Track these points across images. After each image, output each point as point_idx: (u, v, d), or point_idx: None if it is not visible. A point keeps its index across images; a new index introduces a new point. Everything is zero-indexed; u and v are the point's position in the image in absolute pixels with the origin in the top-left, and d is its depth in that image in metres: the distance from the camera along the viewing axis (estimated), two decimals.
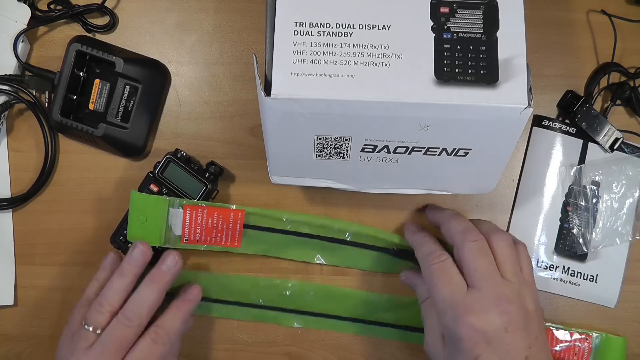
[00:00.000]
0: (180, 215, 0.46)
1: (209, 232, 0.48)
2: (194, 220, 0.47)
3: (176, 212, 0.46)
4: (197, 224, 0.47)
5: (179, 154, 0.49)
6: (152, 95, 0.51)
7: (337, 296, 0.52)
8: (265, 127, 0.39)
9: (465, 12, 0.37)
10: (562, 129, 0.52)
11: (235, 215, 0.48)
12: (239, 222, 0.48)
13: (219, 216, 0.47)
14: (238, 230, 0.48)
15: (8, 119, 0.52)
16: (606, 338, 0.52)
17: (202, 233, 0.47)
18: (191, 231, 0.47)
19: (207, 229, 0.47)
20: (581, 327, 0.52)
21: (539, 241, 0.53)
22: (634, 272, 0.53)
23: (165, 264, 0.46)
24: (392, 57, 0.36)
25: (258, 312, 0.52)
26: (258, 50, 0.51)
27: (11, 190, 0.52)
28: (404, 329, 0.52)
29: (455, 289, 0.41)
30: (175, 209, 0.46)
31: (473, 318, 0.40)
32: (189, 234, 0.47)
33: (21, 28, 0.50)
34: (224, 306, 0.52)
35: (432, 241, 0.47)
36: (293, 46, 0.36)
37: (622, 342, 0.52)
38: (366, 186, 0.44)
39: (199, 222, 0.47)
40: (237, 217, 0.48)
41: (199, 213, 0.47)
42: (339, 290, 0.53)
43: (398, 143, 0.39)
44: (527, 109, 0.36)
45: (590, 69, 0.53)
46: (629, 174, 0.52)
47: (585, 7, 0.53)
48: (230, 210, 0.48)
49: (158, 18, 0.53)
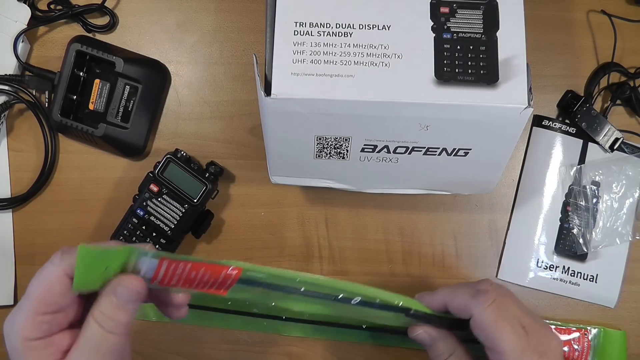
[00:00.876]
0: (154, 265, 0.34)
1: (188, 281, 0.35)
2: (170, 272, 0.35)
3: (148, 260, 0.34)
4: (175, 274, 0.35)
5: (179, 154, 0.49)
6: (152, 95, 0.51)
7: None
8: (265, 127, 0.39)
9: (465, 12, 0.37)
10: (562, 129, 0.52)
11: (227, 274, 0.35)
12: (231, 279, 0.36)
13: (207, 272, 0.35)
14: (229, 284, 0.37)
15: (8, 119, 0.52)
16: (605, 332, 0.52)
17: (180, 282, 0.35)
18: (165, 279, 0.35)
19: (187, 280, 0.35)
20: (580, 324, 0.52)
21: (539, 241, 0.52)
22: (634, 272, 0.53)
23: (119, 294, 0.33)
24: (392, 57, 0.36)
25: (257, 322, 0.52)
26: (258, 50, 0.51)
27: (11, 190, 0.52)
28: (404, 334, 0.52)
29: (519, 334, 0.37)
30: (148, 258, 0.34)
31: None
32: (161, 281, 0.35)
33: (21, 28, 0.50)
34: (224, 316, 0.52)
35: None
36: (293, 46, 0.36)
37: (621, 335, 0.52)
38: (366, 186, 0.44)
39: (177, 273, 0.35)
40: (229, 275, 0.35)
41: (179, 266, 0.34)
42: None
43: (398, 143, 0.39)
44: (527, 109, 0.36)
45: (590, 69, 0.53)
46: (629, 174, 0.52)
47: (585, 7, 0.53)
48: (222, 268, 0.35)
49: (158, 18, 0.53)
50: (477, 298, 0.38)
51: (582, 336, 0.51)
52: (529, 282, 0.52)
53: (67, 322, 0.34)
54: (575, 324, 0.52)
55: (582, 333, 0.51)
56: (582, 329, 0.51)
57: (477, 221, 0.53)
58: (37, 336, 0.32)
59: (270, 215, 0.53)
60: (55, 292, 0.33)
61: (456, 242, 0.53)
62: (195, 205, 0.48)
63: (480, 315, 0.37)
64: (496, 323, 0.36)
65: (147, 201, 0.48)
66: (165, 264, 0.34)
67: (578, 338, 0.51)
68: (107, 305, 0.33)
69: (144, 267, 0.34)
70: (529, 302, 0.53)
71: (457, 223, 0.53)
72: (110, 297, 0.33)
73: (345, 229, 0.53)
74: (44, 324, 0.33)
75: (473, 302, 0.37)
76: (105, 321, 0.33)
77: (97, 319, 0.32)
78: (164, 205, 0.49)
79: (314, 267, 0.53)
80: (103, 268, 0.34)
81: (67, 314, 0.34)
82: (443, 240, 0.53)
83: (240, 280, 0.36)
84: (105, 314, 0.33)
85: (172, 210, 0.49)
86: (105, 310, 0.33)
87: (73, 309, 0.34)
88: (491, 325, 0.36)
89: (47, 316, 0.33)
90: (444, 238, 0.53)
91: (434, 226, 0.53)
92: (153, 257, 0.34)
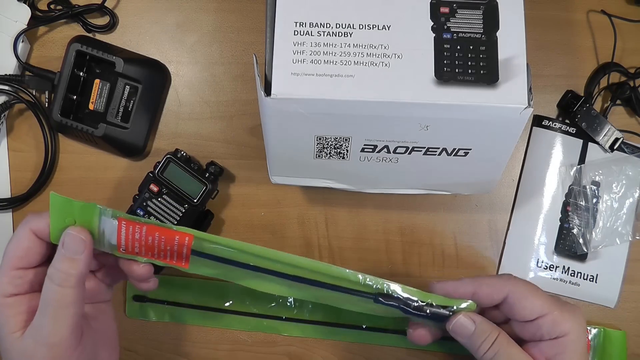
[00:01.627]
0: (114, 227, 0.37)
1: (149, 248, 0.39)
2: (130, 235, 0.38)
3: (109, 221, 0.37)
4: (135, 239, 0.38)
5: (179, 154, 0.49)
6: (152, 95, 0.51)
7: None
8: (265, 127, 0.39)
9: (465, 12, 0.37)
10: (562, 129, 0.52)
11: (180, 239, 0.38)
12: (185, 247, 0.39)
13: (161, 237, 0.38)
14: (185, 254, 0.39)
15: (8, 119, 0.52)
16: (605, 332, 0.52)
17: (142, 248, 0.38)
18: (128, 244, 0.38)
19: (147, 246, 0.38)
20: None
21: (539, 241, 0.52)
22: (634, 272, 0.53)
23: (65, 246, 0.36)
24: (392, 57, 0.36)
25: (257, 321, 0.52)
26: (258, 50, 0.51)
27: (11, 190, 0.52)
28: (404, 334, 0.52)
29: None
30: (107, 218, 0.37)
31: None
32: (125, 246, 0.38)
33: (21, 28, 0.50)
34: (224, 315, 0.52)
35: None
36: (293, 46, 0.36)
37: (622, 335, 0.52)
38: (366, 186, 0.44)
39: (136, 238, 0.38)
40: (182, 241, 0.38)
41: (136, 229, 0.38)
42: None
43: (398, 143, 0.39)
44: (527, 109, 0.36)
45: (590, 69, 0.53)
46: (629, 174, 0.52)
47: (585, 7, 0.53)
48: (174, 232, 0.38)
49: (158, 18, 0.53)
50: (510, 278, 0.40)
51: None
52: None
53: (38, 283, 0.36)
54: None
55: None
56: None
57: (477, 221, 0.53)
58: (11, 292, 0.36)
59: (270, 215, 0.53)
60: (23, 247, 0.36)
61: (456, 242, 0.53)
62: (195, 205, 0.48)
63: (519, 289, 0.39)
64: (532, 290, 0.39)
65: (147, 201, 0.48)
66: (124, 224, 0.37)
67: None
68: (57, 259, 0.35)
69: (107, 227, 0.37)
70: None
71: (457, 223, 0.53)
72: (60, 250, 0.35)
73: (345, 229, 0.53)
74: (16, 279, 0.36)
75: (507, 281, 0.40)
76: (56, 275, 0.35)
77: (50, 276, 0.35)
78: (164, 205, 0.49)
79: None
80: (72, 220, 0.37)
81: (37, 272, 0.37)
82: (443, 240, 0.53)
83: (194, 251, 0.39)
84: (55, 267, 0.35)
85: (172, 210, 0.49)
86: (55, 264, 0.35)
87: (43, 270, 0.36)
88: (530, 293, 0.39)
89: (19, 271, 0.36)
90: (444, 238, 0.53)
91: (434, 226, 0.53)
92: (112, 217, 0.37)
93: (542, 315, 0.38)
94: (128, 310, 0.52)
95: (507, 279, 0.40)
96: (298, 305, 0.52)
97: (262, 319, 0.52)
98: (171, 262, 0.40)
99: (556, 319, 0.38)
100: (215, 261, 0.39)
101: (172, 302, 0.52)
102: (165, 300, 0.52)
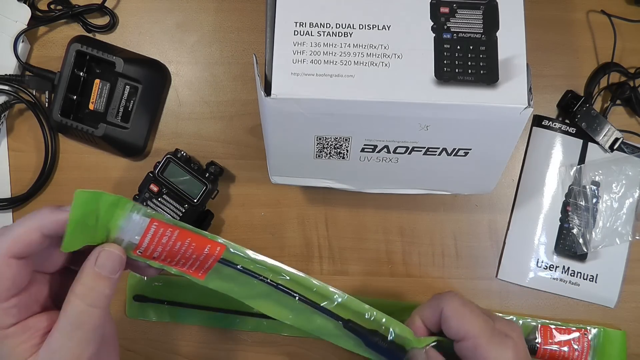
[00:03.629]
0: (142, 227, 0.35)
1: (171, 254, 0.36)
2: (157, 237, 0.35)
3: (137, 219, 0.34)
4: (161, 242, 0.35)
5: (179, 154, 0.49)
6: (152, 95, 0.51)
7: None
8: (265, 127, 0.39)
9: (465, 12, 0.37)
10: (562, 129, 0.52)
11: (211, 249, 0.37)
12: (212, 258, 0.37)
13: (192, 244, 0.36)
14: (209, 265, 0.38)
15: (8, 119, 0.52)
16: (605, 332, 0.52)
17: (163, 253, 0.36)
18: (150, 247, 0.35)
19: (171, 252, 0.36)
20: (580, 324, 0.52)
21: (539, 241, 0.53)
22: (633, 272, 0.53)
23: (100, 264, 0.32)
24: (392, 57, 0.36)
25: (257, 322, 0.52)
26: (258, 50, 0.51)
27: (11, 190, 0.52)
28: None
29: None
30: (139, 216, 0.34)
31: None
32: (145, 249, 0.35)
33: (21, 28, 0.50)
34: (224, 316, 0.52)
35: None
36: (293, 46, 0.36)
37: (621, 335, 0.52)
38: (366, 186, 0.44)
39: (163, 242, 0.35)
40: (212, 251, 0.37)
41: (166, 232, 0.35)
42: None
43: (398, 143, 0.39)
44: (527, 109, 0.36)
45: (590, 69, 0.53)
46: (628, 174, 0.52)
47: (585, 7, 0.53)
48: (207, 241, 0.36)
49: (158, 18, 0.53)
50: (444, 295, 0.40)
51: (582, 336, 0.51)
52: (529, 282, 0.52)
53: (39, 304, 0.33)
54: (575, 324, 0.52)
55: (582, 333, 0.51)
56: (582, 328, 0.51)
57: (477, 221, 0.53)
58: (10, 323, 0.31)
59: (270, 215, 0.53)
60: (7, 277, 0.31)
61: (456, 242, 0.53)
62: (195, 205, 0.48)
63: (450, 306, 0.39)
64: (464, 309, 0.39)
65: (147, 201, 0.48)
66: (155, 225, 0.34)
67: (578, 338, 0.51)
68: (88, 277, 0.32)
69: (130, 225, 0.34)
70: (529, 302, 0.53)
71: (457, 223, 0.53)
72: (91, 268, 0.32)
73: (345, 229, 0.53)
74: (11, 308, 0.31)
75: (442, 299, 0.40)
76: (87, 294, 0.31)
77: (77, 293, 0.31)
78: (164, 205, 0.49)
79: (314, 267, 0.53)
80: (94, 221, 0.33)
81: (30, 293, 0.33)
82: (443, 240, 0.53)
83: (222, 259, 0.37)
84: (87, 286, 0.31)
85: (172, 210, 0.49)
86: (86, 282, 0.32)
87: (38, 288, 0.33)
88: (461, 312, 0.39)
89: (12, 300, 0.31)
90: (444, 238, 0.53)
91: (434, 226, 0.53)
92: (144, 215, 0.34)
93: (466, 338, 0.38)
94: (128, 310, 0.52)
95: (442, 297, 0.40)
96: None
97: (262, 319, 0.52)
98: (187, 272, 0.37)
99: (479, 345, 0.37)
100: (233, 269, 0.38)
101: (172, 302, 0.52)
102: (165, 300, 0.52)
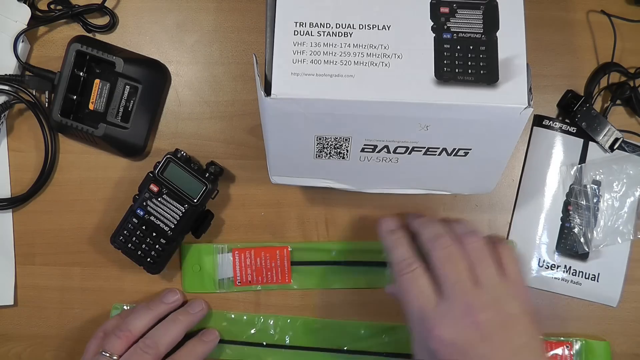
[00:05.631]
0: (230, 259, 0.50)
1: (259, 272, 0.50)
2: (243, 263, 0.50)
3: (225, 256, 0.50)
4: (247, 265, 0.50)
5: (179, 154, 0.49)
6: (152, 95, 0.51)
7: (317, 328, 0.52)
8: (265, 127, 0.39)
9: (465, 12, 0.37)
10: (563, 128, 0.52)
11: (280, 252, 0.50)
12: (285, 259, 0.50)
13: (266, 255, 0.50)
14: (286, 267, 0.51)
15: (8, 119, 0.52)
16: (587, 343, 0.51)
17: (253, 274, 0.50)
18: (242, 273, 0.50)
19: (257, 269, 0.50)
20: (575, 330, 0.52)
21: (540, 241, 0.52)
22: (635, 272, 0.53)
23: (192, 307, 0.50)
24: (392, 57, 0.36)
25: (238, 349, 0.52)
26: (258, 50, 0.51)
27: (11, 190, 0.52)
28: (384, 355, 0.51)
29: (424, 301, 0.39)
30: (224, 254, 0.50)
31: (441, 331, 0.38)
32: (241, 277, 0.50)
33: (21, 28, 0.50)
34: None
35: (405, 245, 0.43)
36: (293, 46, 0.36)
37: (605, 346, 0.52)
38: (366, 186, 0.44)
39: (248, 264, 0.50)
40: (282, 253, 0.50)
41: (246, 255, 0.50)
42: (318, 322, 0.52)
43: (398, 143, 0.39)
44: (527, 109, 0.36)
45: (590, 69, 0.53)
46: (629, 173, 0.52)
47: (585, 7, 0.53)
48: (275, 248, 0.51)
49: (158, 18, 0.53)
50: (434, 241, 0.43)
51: (564, 349, 0.51)
52: (530, 282, 0.52)
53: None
54: (556, 336, 0.52)
55: (565, 346, 0.51)
56: (564, 341, 0.51)
57: (477, 221, 0.53)
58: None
59: (270, 215, 0.53)
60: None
61: None
62: (195, 205, 0.48)
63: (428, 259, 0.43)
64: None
65: (147, 201, 0.48)
66: (237, 254, 0.50)
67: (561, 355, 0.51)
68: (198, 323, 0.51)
69: (223, 263, 0.50)
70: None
71: None
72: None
73: (345, 229, 0.53)
74: None
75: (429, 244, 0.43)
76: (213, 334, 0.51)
77: (201, 335, 0.50)
78: (164, 205, 0.49)
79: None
80: (198, 268, 0.51)
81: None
82: None
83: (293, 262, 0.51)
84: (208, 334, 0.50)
85: (172, 210, 0.49)
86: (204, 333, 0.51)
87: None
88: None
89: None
90: None
91: None
92: (228, 252, 0.51)
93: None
94: None
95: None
96: (279, 331, 0.52)
97: (242, 345, 0.52)
98: (278, 282, 0.51)
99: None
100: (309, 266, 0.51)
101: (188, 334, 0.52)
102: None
